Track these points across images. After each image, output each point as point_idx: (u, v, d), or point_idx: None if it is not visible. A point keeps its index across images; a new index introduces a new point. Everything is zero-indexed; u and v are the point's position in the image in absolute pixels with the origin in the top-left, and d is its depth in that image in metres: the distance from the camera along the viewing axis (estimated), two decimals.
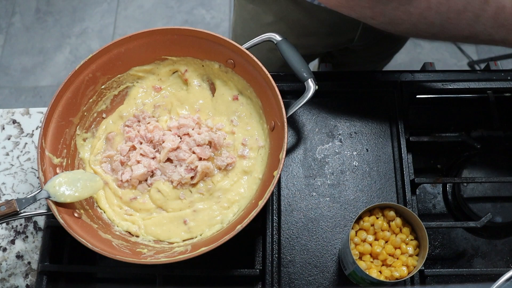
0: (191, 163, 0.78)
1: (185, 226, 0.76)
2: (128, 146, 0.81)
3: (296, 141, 0.88)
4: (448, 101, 0.94)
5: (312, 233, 0.81)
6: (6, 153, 0.93)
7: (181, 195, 0.78)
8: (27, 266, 0.84)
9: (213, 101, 0.85)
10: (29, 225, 0.87)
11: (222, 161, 0.78)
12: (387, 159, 0.86)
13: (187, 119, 0.81)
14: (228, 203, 0.77)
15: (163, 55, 0.83)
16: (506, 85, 0.88)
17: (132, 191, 0.80)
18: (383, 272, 0.69)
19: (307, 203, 0.83)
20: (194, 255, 0.66)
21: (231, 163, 0.79)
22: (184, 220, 0.77)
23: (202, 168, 0.77)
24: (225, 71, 0.83)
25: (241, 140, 0.81)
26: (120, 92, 0.85)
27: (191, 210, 0.77)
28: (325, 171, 0.86)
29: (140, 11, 2.34)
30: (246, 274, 0.76)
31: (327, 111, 0.91)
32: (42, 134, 0.74)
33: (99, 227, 0.75)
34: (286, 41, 0.81)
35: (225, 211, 0.76)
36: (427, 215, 0.86)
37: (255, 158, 0.80)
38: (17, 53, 2.34)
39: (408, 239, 0.71)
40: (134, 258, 0.68)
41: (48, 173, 0.73)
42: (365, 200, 0.83)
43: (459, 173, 0.86)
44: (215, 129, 0.82)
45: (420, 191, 0.88)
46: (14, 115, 0.97)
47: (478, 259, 0.83)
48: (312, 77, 0.78)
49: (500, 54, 2.13)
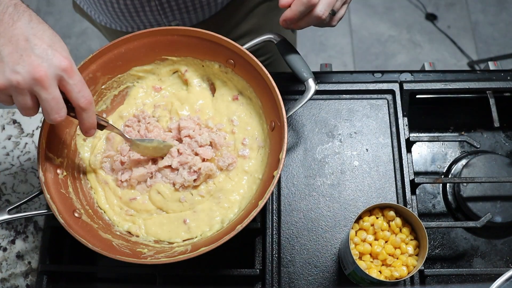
0: (193, 165, 0.78)
1: (185, 226, 0.76)
2: (128, 146, 0.81)
3: (296, 141, 0.88)
4: (448, 101, 0.94)
5: (312, 233, 0.81)
6: (7, 153, 0.93)
7: (181, 198, 0.78)
8: (27, 266, 0.84)
9: (213, 101, 0.85)
10: (29, 225, 0.87)
11: (223, 161, 0.78)
12: (387, 159, 0.86)
13: (188, 121, 0.81)
14: (229, 204, 0.77)
15: (163, 55, 0.83)
16: (506, 85, 0.88)
17: (131, 191, 0.80)
18: (383, 272, 0.69)
19: (307, 203, 0.83)
20: (194, 255, 0.66)
21: (232, 163, 0.79)
22: (184, 219, 0.77)
23: (205, 170, 0.77)
24: (225, 71, 0.83)
25: (241, 140, 0.81)
26: (120, 92, 0.85)
27: (191, 211, 0.77)
28: (325, 171, 0.86)
29: None
30: (246, 274, 0.77)
31: (327, 111, 0.91)
32: (42, 134, 0.74)
33: (99, 227, 0.75)
34: (286, 41, 0.81)
35: (225, 212, 0.76)
36: (427, 215, 0.86)
37: (255, 158, 0.80)
38: None
39: (408, 239, 0.71)
40: (134, 258, 0.68)
41: (48, 173, 0.73)
42: (365, 200, 0.83)
43: (459, 173, 0.86)
44: (216, 129, 0.82)
45: (420, 191, 0.88)
46: (14, 115, 0.97)
47: (477, 259, 0.83)
48: (312, 77, 0.79)
49: (500, 54, 2.13)
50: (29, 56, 0.58)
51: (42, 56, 0.59)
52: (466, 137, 0.84)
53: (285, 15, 0.73)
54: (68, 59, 0.61)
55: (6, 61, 0.58)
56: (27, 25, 0.60)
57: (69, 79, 0.62)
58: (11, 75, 0.58)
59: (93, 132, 0.69)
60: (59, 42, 0.62)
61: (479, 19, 2.35)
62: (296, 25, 0.75)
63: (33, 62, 0.58)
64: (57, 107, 0.62)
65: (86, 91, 0.64)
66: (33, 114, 0.63)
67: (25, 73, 0.58)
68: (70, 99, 0.64)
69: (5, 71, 0.58)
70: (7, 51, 0.58)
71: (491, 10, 2.36)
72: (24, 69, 0.58)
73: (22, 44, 0.59)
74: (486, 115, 0.87)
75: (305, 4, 0.71)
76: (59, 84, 0.62)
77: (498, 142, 0.92)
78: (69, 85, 0.62)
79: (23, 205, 0.85)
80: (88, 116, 0.66)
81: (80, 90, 0.63)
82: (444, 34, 2.31)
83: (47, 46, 0.60)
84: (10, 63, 0.58)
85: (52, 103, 0.61)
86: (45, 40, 0.60)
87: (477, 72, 0.94)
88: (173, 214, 0.78)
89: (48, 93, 0.60)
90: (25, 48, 0.59)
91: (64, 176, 0.76)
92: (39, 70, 0.58)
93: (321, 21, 0.74)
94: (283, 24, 0.75)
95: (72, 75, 0.62)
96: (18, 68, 0.58)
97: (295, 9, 0.72)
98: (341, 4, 0.75)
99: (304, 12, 0.72)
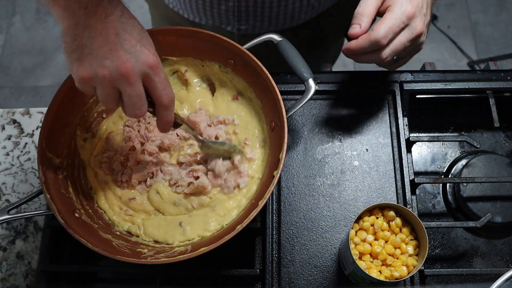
0: (194, 171, 0.78)
1: (181, 229, 0.76)
2: (128, 146, 0.81)
3: (296, 141, 0.88)
4: (448, 101, 0.94)
5: (312, 233, 0.81)
6: (6, 153, 0.93)
7: (177, 201, 0.78)
8: (27, 266, 0.84)
9: (213, 101, 0.85)
10: (29, 225, 0.87)
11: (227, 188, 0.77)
12: (387, 159, 0.86)
13: (197, 114, 0.81)
14: (225, 211, 0.76)
15: (163, 55, 0.83)
16: (506, 85, 0.88)
17: (131, 192, 0.80)
18: (383, 272, 0.69)
19: (307, 203, 0.83)
20: (194, 255, 0.66)
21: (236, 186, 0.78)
22: (180, 222, 0.76)
23: (198, 183, 0.76)
24: (225, 71, 0.83)
25: (243, 141, 0.81)
26: None
27: (186, 215, 0.77)
28: (325, 171, 0.86)
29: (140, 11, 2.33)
30: (246, 274, 0.77)
31: (327, 111, 0.91)
32: (42, 134, 0.73)
33: (99, 227, 0.75)
34: (286, 41, 0.81)
35: (221, 219, 0.76)
36: (427, 215, 0.86)
37: (256, 159, 0.79)
38: (18, 53, 2.34)
39: (408, 239, 0.71)
40: (134, 258, 0.68)
41: (48, 173, 0.73)
42: (365, 200, 0.83)
43: (459, 173, 0.86)
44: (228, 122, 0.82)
45: (420, 191, 0.88)
46: (14, 115, 0.97)
47: (477, 259, 0.83)
48: (312, 77, 0.78)
49: (500, 54, 2.13)
50: (118, 50, 0.59)
51: (130, 52, 0.59)
52: (466, 137, 0.84)
53: (349, 45, 0.72)
54: (155, 56, 0.62)
55: (95, 53, 0.59)
56: (118, 20, 0.60)
57: (154, 76, 0.62)
58: (99, 69, 0.58)
59: (169, 129, 0.69)
60: (147, 39, 0.63)
61: (479, 19, 2.35)
62: (357, 57, 0.75)
63: (121, 57, 0.59)
64: (140, 104, 0.62)
65: (170, 89, 0.65)
66: (114, 107, 0.64)
67: (113, 68, 0.59)
68: (153, 96, 0.64)
69: (93, 63, 0.59)
70: (97, 44, 0.58)
71: (491, 10, 2.37)
72: (112, 63, 0.58)
73: (112, 38, 0.59)
74: (486, 115, 0.87)
75: (372, 43, 0.70)
76: (144, 80, 0.62)
77: (498, 142, 0.92)
78: (154, 82, 0.62)
79: (23, 205, 0.86)
80: (167, 114, 0.66)
81: (164, 88, 0.64)
82: (444, 34, 2.31)
83: (136, 41, 0.60)
84: (99, 56, 0.58)
85: (135, 99, 0.61)
86: (134, 36, 0.61)
87: (477, 72, 0.94)
88: (169, 217, 0.77)
89: (132, 89, 0.60)
90: (114, 42, 0.59)
91: (64, 176, 0.76)
92: (127, 66, 0.59)
93: (382, 63, 0.74)
94: (345, 52, 0.74)
95: (158, 73, 0.62)
96: (106, 62, 0.58)
97: (361, 44, 0.71)
98: (405, 54, 0.75)
99: (368, 50, 0.71)
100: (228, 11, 0.92)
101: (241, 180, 0.77)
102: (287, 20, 0.95)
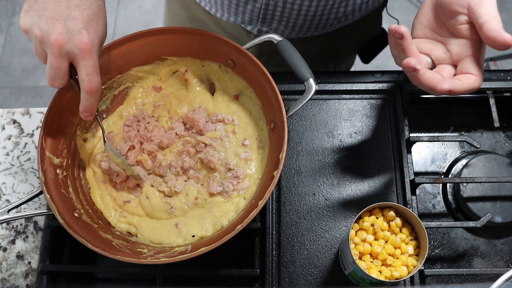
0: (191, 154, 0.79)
1: (177, 230, 0.76)
2: (128, 146, 0.81)
3: (296, 141, 0.88)
4: (448, 101, 0.94)
5: (312, 233, 0.81)
6: (6, 153, 0.93)
7: (170, 210, 0.77)
8: (27, 266, 0.84)
9: (213, 101, 0.85)
10: (29, 225, 0.87)
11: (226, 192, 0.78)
12: (387, 159, 0.86)
13: (196, 111, 0.81)
14: (221, 213, 0.76)
15: (163, 55, 0.83)
16: (506, 85, 0.88)
17: (126, 194, 0.80)
18: (383, 272, 0.69)
19: (307, 203, 0.83)
20: (194, 255, 0.66)
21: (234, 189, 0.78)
22: (176, 223, 0.76)
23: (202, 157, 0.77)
24: (225, 71, 0.83)
25: (242, 141, 0.81)
26: (120, 92, 0.85)
27: (182, 217, 0.77)
28: (325, 171, 0.86)
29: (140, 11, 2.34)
30: (245, 274, 0.77)
31: (327, 111, 0.91)
32: (42, 134, 0.74)
33: (99, 227, 0.75)
34: (286, 41, 0.81)
35: (217, 220, 0.76)
36: (427, 215, 0.86)
37: (255, 159, 0.80)
38: (17, 53, 2.34)
39: (408, 239, 0.71)
40: (134, 258, 0.68)
41: (48, 173, 0.73)
42: (365, 200, 0.83)
43: (459, 173, 0.86)
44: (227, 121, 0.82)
45: (420, 191, 0.88)
46: (14, 115, 0.97)
47: (477, 259, 0.83)
48: (312, 77, 0.78)
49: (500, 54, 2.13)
50: (59, 22, 0.61)
51: (69, 28, 0.62)
52: (466, 137, 0.84)
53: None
54: (90, 44, 0.63)
55: (39, 13, 0.62)
56: None
57: (81, 60, 0.63)
58: (35, 27, 0.62)
59: (87, 117, 0.70)
60: (95, 24, 0.64)
61: None
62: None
63: (57, 28, 0.61)
64: (56, 76, 0.64)
65: (95, 77, 0.65)
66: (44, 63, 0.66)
67: (45, 33, 0.61)
68: (78, 79, 0.65)
69: (33, 19, 0.62)
70: (46, 7, 0.62)
71: None
72: (47, 29, 0.61)
73: (62, 8, 0.62)
74: (486, 115, 0.87)
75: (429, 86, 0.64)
76: (71, 60, 0.64)
77: (498, 142, 0.92)
78: (80, 65, 0.64)
79: (23, 205, 0.85)
80: (88, 101, 0.67)
81: (88, 74, 0.64)
82: None
83: (80, 21, 0.62)
84: (41, 17, 0.62)
85: (53, 70, 0.64)
86: (83, 15, 0.63)
87: None
88: (165, 220, 0.77)
89: (54, 60, 0.63)
90: (60, 13, 0.62)
91: (64, 176, 0.76)
92: (57, 38, 0.61)
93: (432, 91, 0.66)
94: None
95: (86, 58, 0.63)
96: (42, 25, 0.61)
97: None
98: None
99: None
100: (253, 11, 0.92)
101: (239, 186, 0.77)
102: (311, 29, 0.95)
